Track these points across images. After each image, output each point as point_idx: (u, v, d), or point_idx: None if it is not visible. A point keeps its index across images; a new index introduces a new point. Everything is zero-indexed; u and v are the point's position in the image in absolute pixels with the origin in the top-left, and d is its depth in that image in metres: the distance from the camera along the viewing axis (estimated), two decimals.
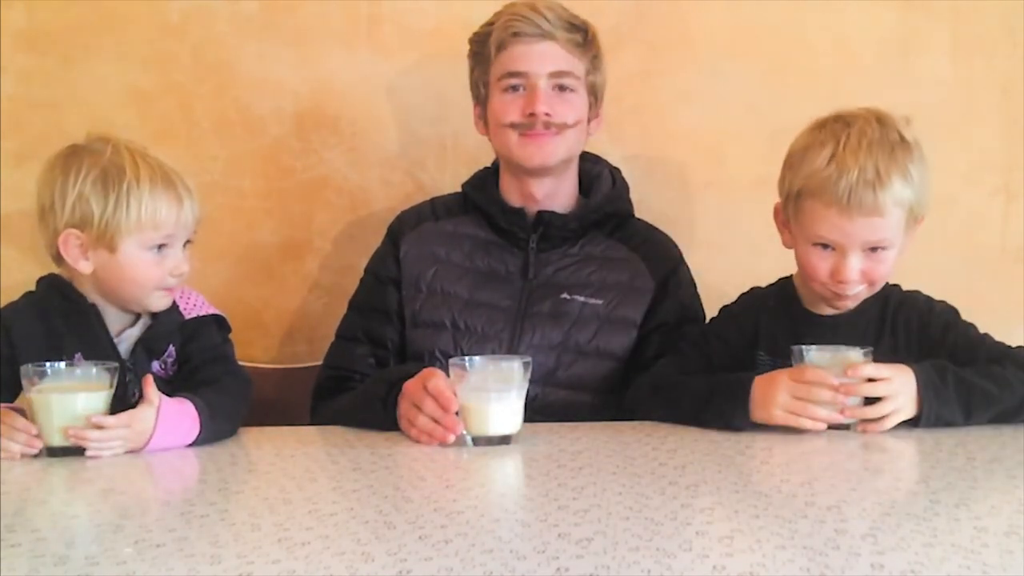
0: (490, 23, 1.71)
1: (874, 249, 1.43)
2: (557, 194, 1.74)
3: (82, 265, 1.45)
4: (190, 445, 1.35)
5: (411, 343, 1.71)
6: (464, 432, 1.34)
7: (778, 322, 1.56)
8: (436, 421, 1.35)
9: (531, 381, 1.39)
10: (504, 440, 1.33)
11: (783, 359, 1.46)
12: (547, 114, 1.65)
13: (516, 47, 1.67)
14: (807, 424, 1.35)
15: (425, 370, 1.42)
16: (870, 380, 1.35)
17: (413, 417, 1.38)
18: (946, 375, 1.38)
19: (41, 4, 2.05)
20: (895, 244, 1.44)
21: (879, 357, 1.42)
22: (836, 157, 1.42)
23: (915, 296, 1.54)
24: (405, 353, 1.72)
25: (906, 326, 1.51)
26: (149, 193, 1.42)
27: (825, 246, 1.45)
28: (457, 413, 1.34)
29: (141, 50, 2.06)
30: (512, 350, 1.65)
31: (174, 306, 1.52)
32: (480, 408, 1.33)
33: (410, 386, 1.41)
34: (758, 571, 0.82)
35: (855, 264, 1.43)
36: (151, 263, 1.44)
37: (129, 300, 1.47)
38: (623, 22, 2.06)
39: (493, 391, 1.34)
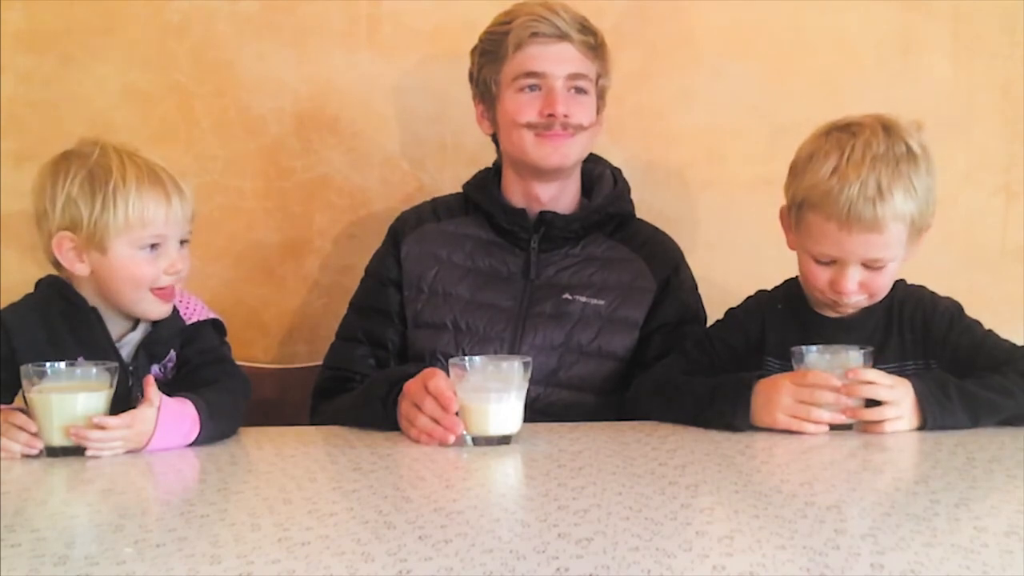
0: (506, 22, 1.70)
1: (874, 263, 1.44)
2: (561, 196, 1.74)
3: (79, 268, 1.44)
4: (190, 445, 1.35)
5: (412, 344, 1.71)
6: (464, 432, 1.34)
7: (786, 325, 1.56)
8: (436, 421, 1.35)
9: (533, 382, 1.39)
10: (504, 440, 1.33)
11: (786, 360, 1.47)
12: (566, 115, 1.65)
13: (534, 47, 1.66)
14: (810, 429, 1.36)
15: (426, 370, 1.42)
16: (871, 383, 1.36)
17: (413, 417, 1.38)
18: (948, 388, 1.37)
19: (41, 4, 2.05)
20: (896, 258, 1.45)
21: (887, 356, 1.43)
22: (839, 170, 1.41)
23: (919, 293, 1.54)
24: (405, 354, 1.72)
25: (911, 324, 1.51)
26: (136, 192, 1.41)
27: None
28: (457, 413, 1.34)
29: (141, 50, 2.06)
30: (514, 351, 1.65)
31: (176, 311, 1.52)
32: (480, 408, 1.33)
33: (411, 386, 1.41)
34: (758, 571, 0.82)
35: (854, 276, 1.44)
36: (144, 262, 1.43)
37: (125, 303, 1.46)
38: (624, 22, 2.05)
39: (493, 391, 1.34)
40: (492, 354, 1.59)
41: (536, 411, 1.61)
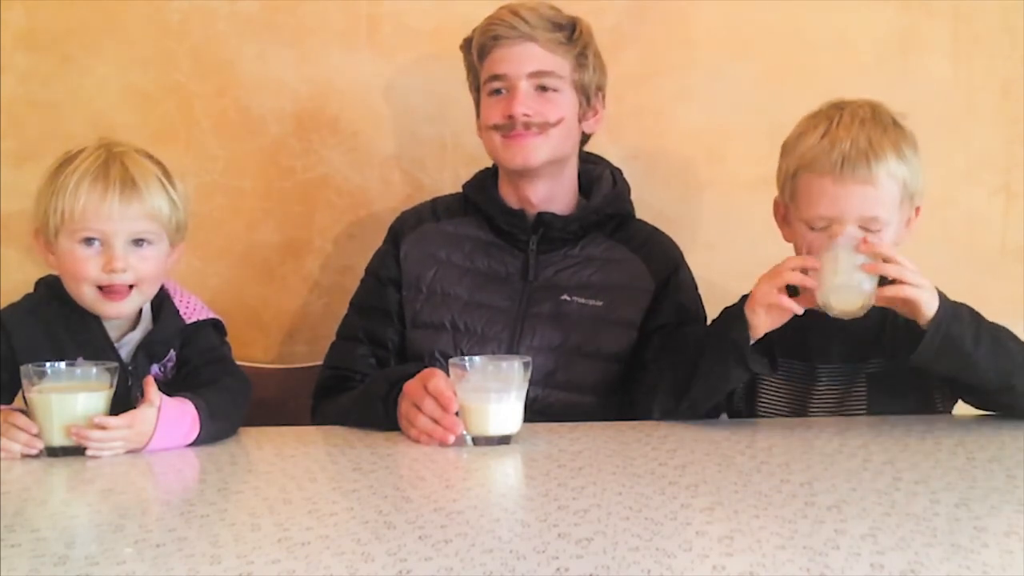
0: (475, 30, 1.71)
1: (870, 223, 1.44)
2: (554, 196, 1.73)
3: (49, 260, 1.45)
4: (190, 445, 1.35)
5: (411, 344, 1.71)
6: (464, 432, 1.34)
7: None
8: (436, 421, 1.35)
9: (531, 383, 1.39)
10: (504, 440, 1.34)
11: (784, 358, 1.49)
12: (526, 115, 1.64)
13: (496, 51, 1.67)
14: (786, 303, 1.38)
15: (425, 370, 1.42)
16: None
17: (413, 417, 1.38)
18: (960, 307, 1.39)
19: (41, 4, 2.05)
20: (890, 223, 1.45)
21: (881, 351, 1.49)
22: (829, 132, 1.45)
23: None
24: (406, 353, 1.72)
25: (906, 319, 1.51)
26: (74, 185, 1.40)
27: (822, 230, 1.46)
28: (457, 413, 1.34)
29: (141, 50, 2.06)
30: (511, 351, 1.64)
31: (175, 311, 1.51)
32: (480, 408, 1.33)
33: (410, 386, 1.41)
34: (758, 571, 0.82)
35: None
36: (81, 258, 1.42)
37: (80, 301, 1.44)
38: (623, 22, 2.05)
39: (493, 391, 1.34)
40: (491, 355, 1.59)
41: (535, 412, 1.60)
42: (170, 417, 1.33)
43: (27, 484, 1.18)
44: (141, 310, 1.50)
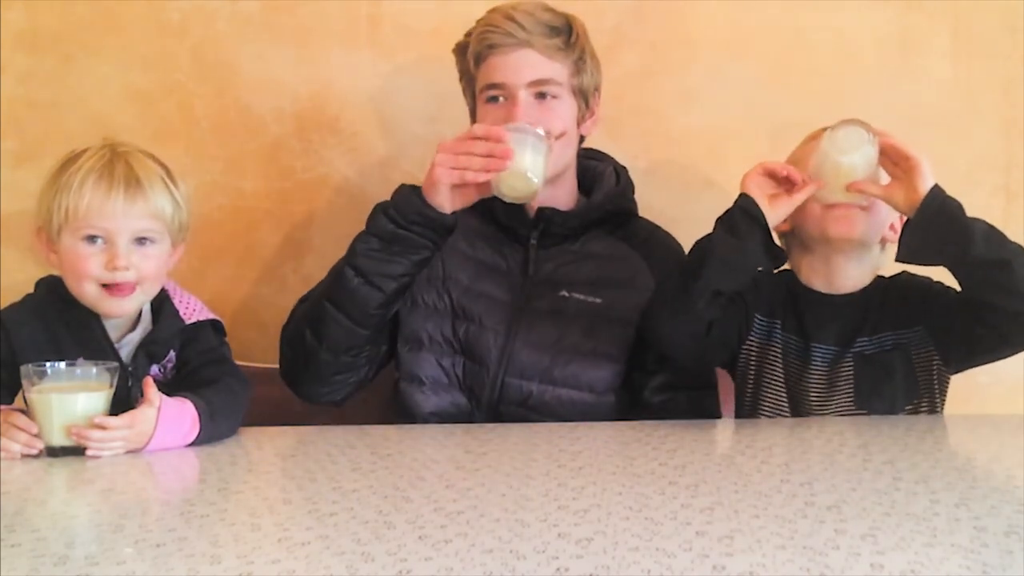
0: (468, 34, 1.69)
1: None
2: (554, 196, 1.72)
3: (51, 260, 1.45)
4: (190, 445, 1.35)
5: (407, 325, 1.69)
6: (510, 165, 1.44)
7: (777, 290, 1.62)
8: (489, 155, 1.45)
9: (526, 378, 1.42)
10: (530, 192, 1.47)
11: (779, 320, 1.59)
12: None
13: (493, 58, 1.64)
14: (769, 166, 1.50)
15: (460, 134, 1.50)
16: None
17: (461, 162, 1.46)
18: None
19: (41, 4, 2.05)
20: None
21: (872, 327, 1.54)
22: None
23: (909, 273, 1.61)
24: (402, 330, 1.69)
25: (894, 293, 1.57)
26: (79, 183, 1.41)
27: None
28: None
29: (141, 50, 2.06)
30: (508, 345, 1.64)
31: (175, 312, 1.51)
32: (519, 150, 1.45)
33: (448, 143, 1.48)
34: (758, 571, 0.82)
35: None
36: (83, 255, 1.42)
37: (82, 299, 1.45)
38: (623, 22, 2.05)
39: (531, 135, 1.47)
40: (488, 347, 1.63)
41: (530, 408, 1.61)
42: (170, 417, 1.33)
43: (27, 484, 1.19)
44: (141, 311, 1.50)
